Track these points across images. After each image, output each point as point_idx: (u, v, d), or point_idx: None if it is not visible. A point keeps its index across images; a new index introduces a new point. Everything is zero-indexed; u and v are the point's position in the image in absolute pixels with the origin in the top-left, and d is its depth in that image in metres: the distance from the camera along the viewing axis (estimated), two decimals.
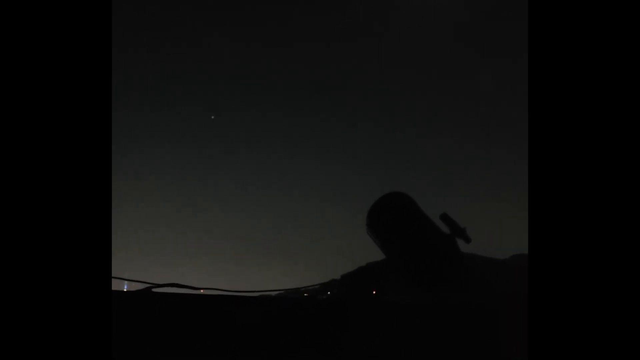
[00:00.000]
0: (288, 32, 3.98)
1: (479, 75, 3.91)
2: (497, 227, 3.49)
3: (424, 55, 3.91)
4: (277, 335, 1.54)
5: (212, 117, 4.17)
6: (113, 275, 1.32)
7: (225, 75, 4.20)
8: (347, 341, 1.56)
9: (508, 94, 3.96)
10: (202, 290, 1.62)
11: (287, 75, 4.07)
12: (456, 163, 4.18)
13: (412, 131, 4.21)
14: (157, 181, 4.21)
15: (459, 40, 3.88)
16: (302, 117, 4.22)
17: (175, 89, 4.21)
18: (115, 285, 1.52)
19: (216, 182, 4.34)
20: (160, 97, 4.21)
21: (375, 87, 4.13)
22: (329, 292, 1.83)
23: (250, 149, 4.35)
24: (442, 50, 3.88)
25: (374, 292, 1.76)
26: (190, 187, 4.29)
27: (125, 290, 1.62)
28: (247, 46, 4.02)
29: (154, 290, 1.56)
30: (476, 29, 3.87)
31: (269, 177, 4.35)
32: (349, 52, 3.88)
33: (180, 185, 4.26)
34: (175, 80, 4.21)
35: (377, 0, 3.93)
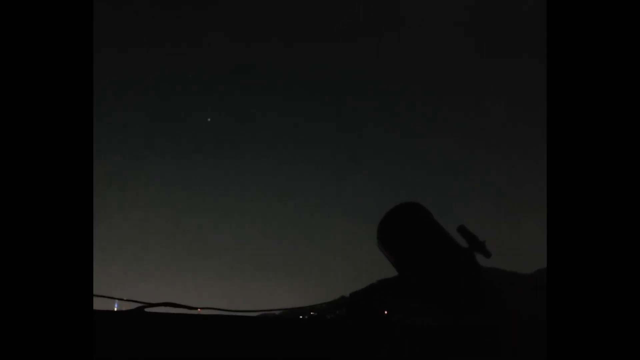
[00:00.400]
0: (288, 32, 4.11)
1: (488, 78, 4.02)
2: (521, 238, 3.48)
3: (426, 56, 4.03)
4: (281, 359, 1.53)
5: (209, 119, 4.20)
6: (103, 294, 1.31)
7: (225, 76, 4.25)
8: None
9: (525, 95, 4.01)
10: (199, 310, 1.62)
11: (287, 75, 4.18)
12: (475, 170, 4.18)
13: (425, 137, 4.24)
14: (150, 190, 4.22)
15: (462, 39, 4.01)
16: (307, 122, 4.27)
17: (171, 90, 4.25)
18: (106, 305, 1.52)
19: (214, 191, 4.34)
20: (157, 102, 4.25)
21: (383, 90, 4.22)
22: (337, 312, 1.82)
23: (251, 155, 4.36)
24: (444, 50, 4.00)
25: (386, 312, 1.75)
26: (186, 197, 4.29)
27: (115, 310, 1.61)
28: (247, 46, 4.13)
29: (147, 310, 1.55)
30: (477, 29, 4.00)
31: (272, 185, 4.36)
32: (349, 52, 4.04)
33: (175, 194, 4.27)
34: (170, 81, 4.24)
35: (377, 0, 4.05)
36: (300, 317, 1.86)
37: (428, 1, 4.05)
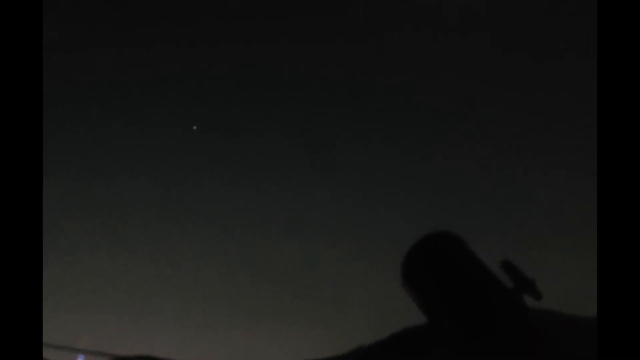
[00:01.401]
0: (288, 32, 4.30)
1: (493, 79, 4.20)
2: (580, 274, 3.46)
3: (426, 57, 4.21)
4: None
5: (194, 127, 4.25)
6: (63, 344, 1.32)
7: (223, 76, 4.34)
8: None
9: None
10: None
11: (287, 76, 4.31)
12: (520, 192, 4.19)
13: (457, 151, 4.29)
14: (124, 217, 4.24)
15: (462, 39, 4.21)
16: (306, 126, 4.35)
17: (152, 93, 4.32)
18: (69, 358, 1.53)
19: (201, 218, 4.35)
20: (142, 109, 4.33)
21: (386, 92, 4.36)
22: None
23: (246, 173, 4.38)
24: (445, 51, 4.19)
25: None
26: (168, 225, 4.31)
27: None
28: (247, 46, 4.30)
29: None
30: (477, 29, 4.19)
31: (272, 211, 4.37)
32: (349, 52, 4.20)
33: (153, 221, 4.29)
34: (155, 82, 4.32)
35: (377, 0, 4.44)
36: None
37: (428, 1, 4.33)
